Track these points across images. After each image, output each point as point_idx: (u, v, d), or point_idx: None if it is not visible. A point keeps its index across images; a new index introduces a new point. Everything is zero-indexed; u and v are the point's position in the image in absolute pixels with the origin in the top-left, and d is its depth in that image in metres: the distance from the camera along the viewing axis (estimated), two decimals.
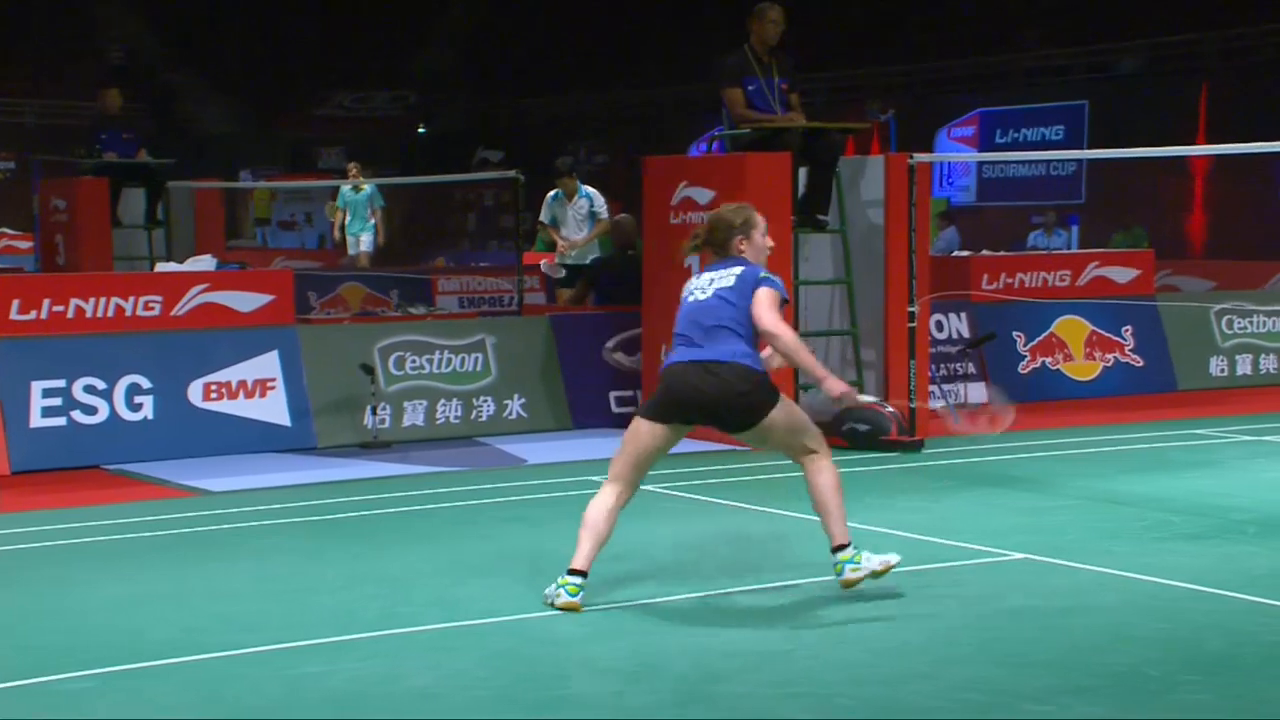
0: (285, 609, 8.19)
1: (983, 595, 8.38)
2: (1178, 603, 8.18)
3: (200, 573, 9.17)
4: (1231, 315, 17.63)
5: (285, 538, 10.20)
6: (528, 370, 14.32)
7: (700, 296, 8.43)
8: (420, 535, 10.17)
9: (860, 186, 14.15)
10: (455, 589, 8.56)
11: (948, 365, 15.85)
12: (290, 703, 6.61)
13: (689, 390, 8.28)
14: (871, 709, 6.44)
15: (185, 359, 13.17)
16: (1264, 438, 13.84)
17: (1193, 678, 6.90)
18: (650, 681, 6.81)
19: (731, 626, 7.77)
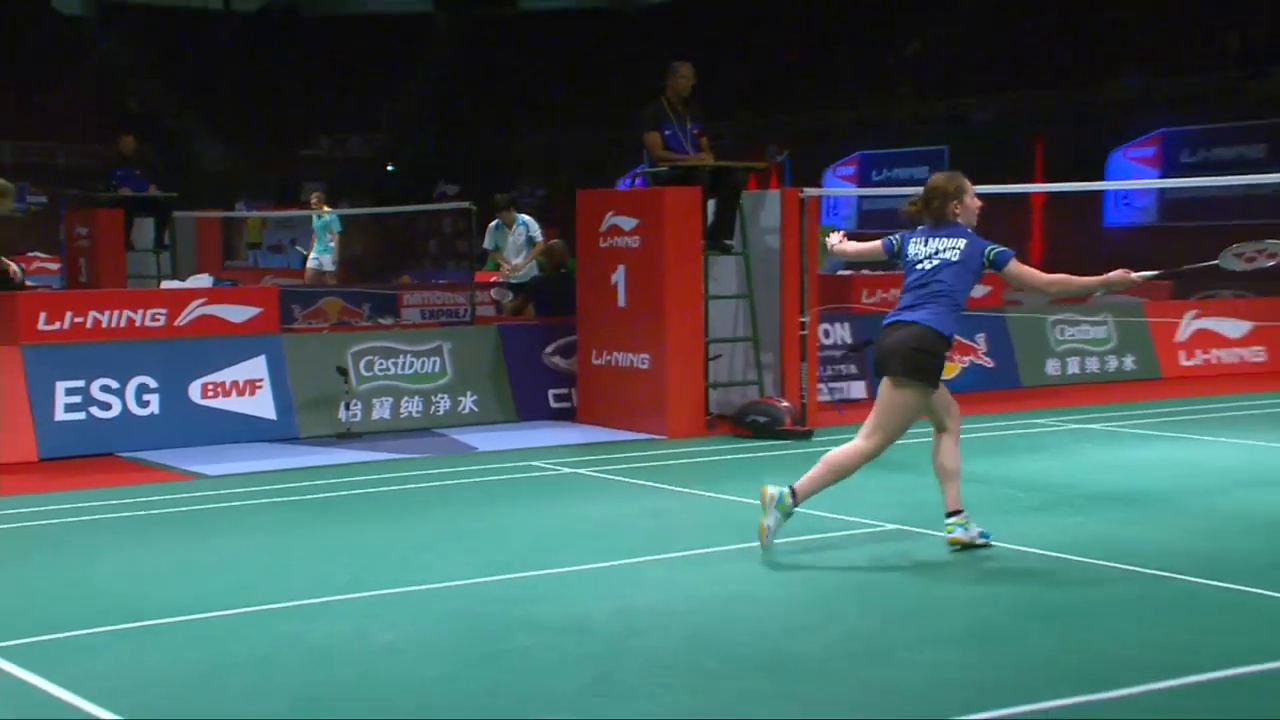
0: (269, 576, 8.10)
1: (862, 560, 8.37)
2: (1023, 564, 8.20)
3: (198, 545, 9.08)
4: (1063, 324, 17.73)
5: (271, 515, 10.11)
6: (478, 372, 14.23)
7: (926, 266, 8.35)
8: (386, 512, 10.09)
9: (760, 216, 14.13)
10: (415, 558, 8.49)
11: (833, 367, 15.84)
12: (274, 656, 6.53)
13: (883, 344, 8.33)
14: (770, 656, 6.41)
15: (186, 362, 13.03)
16: (1089, 426, 13.94)
17: (1036, 625, 6.93)
18: (581, 636, 6.76)
19: (650, 589, 7.72)
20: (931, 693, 5.87)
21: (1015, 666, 6.27)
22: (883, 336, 8.42)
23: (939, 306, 8.27)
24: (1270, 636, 6.64)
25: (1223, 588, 7.60)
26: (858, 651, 6.49)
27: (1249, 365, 18.59)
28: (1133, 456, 12.17)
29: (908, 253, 8.48)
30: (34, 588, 8.00)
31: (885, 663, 6.32)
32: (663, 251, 13.35)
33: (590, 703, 5.84)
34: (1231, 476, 11.00)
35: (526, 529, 9.34)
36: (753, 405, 13.49)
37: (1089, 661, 6.31)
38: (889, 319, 8.45)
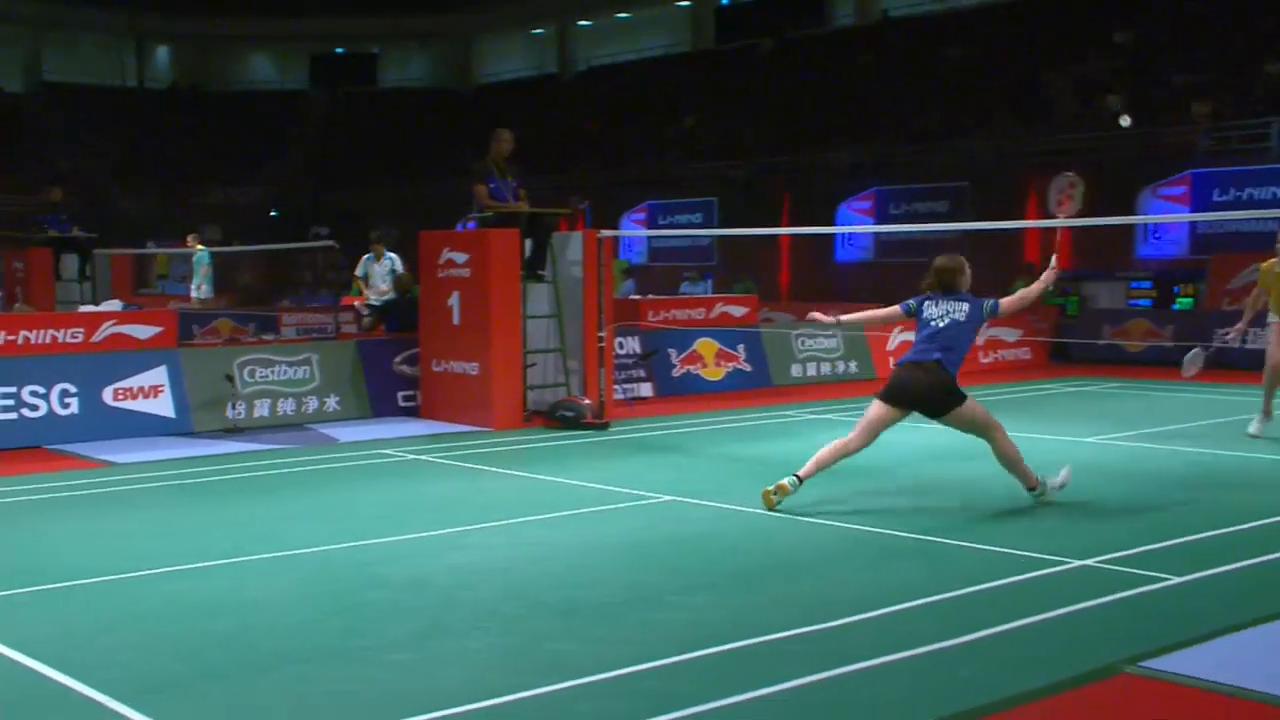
0: (164, 544, 7.86)
1: (644, 524, 8.40)
2: (770, 525, 8.30)
3: (107, 519, 8.80)
4: (804, 337, 17.96)
5: (168, 495, 9.82)
6: (341, 377, 13.98)
7: (940, 324, 8.60)
8: (262, 492, 9.86)
9: (567, 252, 14.11)
10: (284, 529, 8.32)
11: (626, 372, 15.89)
12: (163, 611, 6.35)
13: (906, 382, 8.56)
14: (566, 603, 6.41)
15: (101, 371, 12.61)
16: (824, 416, 14.14)
17: (778, 572, 7.03)
18: (418, 590, 6.69)
19: (475, 551, 7.67)
20: (692, 630, 5.91)
21: (756, 606, 6.36)
22: (904, 372, 8.66)
23: (950, 355, 8.60)
24: (948, 574, 6.81)
25: (916, 539, 7.79)
26: (636, 598, 6.51)
27: None
28: None
29: (924, 312, 8.75)
30: None
31: (657, 606, 6.35)
32: (489, 280, 13.26)
33: (424, 644, 5.78)
34: (928, 452, 11.27)
35: (377, 504, 9.21)
36: (561, 403, 13.48)
37: (813, 599, 6.42)
38: (907, 359, 8.72)
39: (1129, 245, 23.86)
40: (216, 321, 22.06)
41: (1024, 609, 6.11)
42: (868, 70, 33.91)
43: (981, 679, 5.21)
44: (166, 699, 5.07)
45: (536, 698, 5.03)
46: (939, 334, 8.62)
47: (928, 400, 8.58)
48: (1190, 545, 7.55)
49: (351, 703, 5.03)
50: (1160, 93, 26.21)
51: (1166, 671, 5.24)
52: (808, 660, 5.40)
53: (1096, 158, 25.39)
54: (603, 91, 41.96)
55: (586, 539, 7.95)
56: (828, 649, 5.56)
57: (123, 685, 5.18)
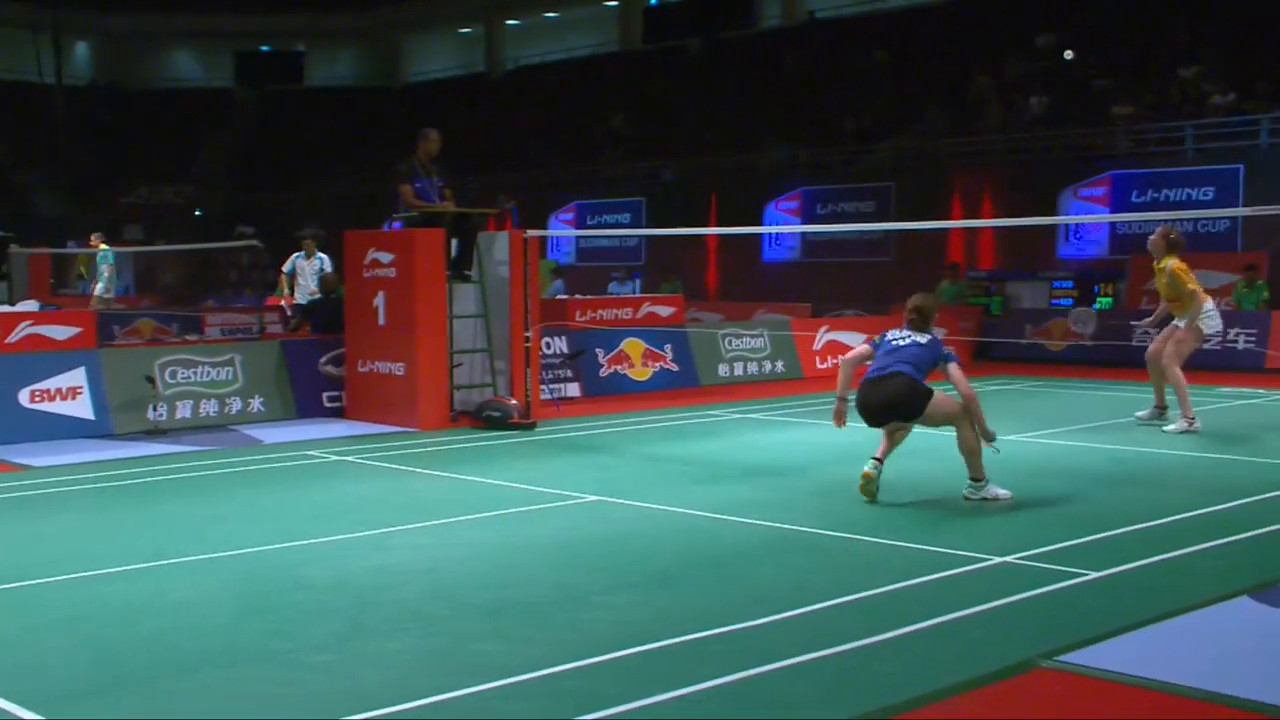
0: (84, 548, 7.74)
1: (569, 524, 8.40)
2: (692, 524, 8.34)
3: (25, 524, 8.65)
4: (731, 337, 18.08)
5: (88, 498, 9.66)
6: (265, 378, 13.84)
7: (900, 343, 8.85)
8: (185, 494, 9.73)
9: (494, 252, 14.07)
10: (208, 531, 8.21)
11: (553, 372, 15.88)
12: (83, 615, 6.26)
13: (873, 397, 8.79)
14: (492, 604, 6.40)
15: (17, 373, 12.38)
16: (749, 415, 14.24)
17: (699, 572, 7.05)
18: (340, 591, 6.65)
19: (399, 552, 7.63)
20: (617, 630, 5.92)
21: (679, 605, 6.38)
22: (872, 389, 8.81)
23: (910, 369, 8.77)
24: (868, 572, 6.88)
25: (837, 536, 7.87)
26: (561, 598, 6.51)
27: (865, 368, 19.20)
28: (779, 438, 12.48)
29: (886, 337, 9.02)
30: None
31: (582, 606, 6.36)
32: (414, 280, 13.20)
33: (347, 645, 5.75)
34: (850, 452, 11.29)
35: (301, 505, 9.14)
36: (488, 403, 13.44)
37: (736, 598, 6.46)
38: (868, 377, 8.90)
39: (1051, 245, 24.23)
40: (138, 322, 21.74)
41: (945, 605, 6.19)
42: (795, 71, 34.14)
43: (901, 675, 5.27)
44: (83, 706, 4.99)
45: (460, 699, 5.02)
46: (899, 350, 8.88)
47: (898, 404, 8.77)
48: (1107, 541, 7.68)
49: (273, 705, 4.99)
50: (1081, 95, 26.64)
51: (1082, 665, 5.34)
52: (731, 659, 5.43)
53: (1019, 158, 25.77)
54: (531, 91, 41.88)
55: (512, 539, 7.93)
56: (750, 647, 5.60)
57: (38, 694, 5.09)
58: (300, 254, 18.34)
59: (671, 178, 32.04)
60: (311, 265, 18.22)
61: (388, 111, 44.87)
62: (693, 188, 30.64)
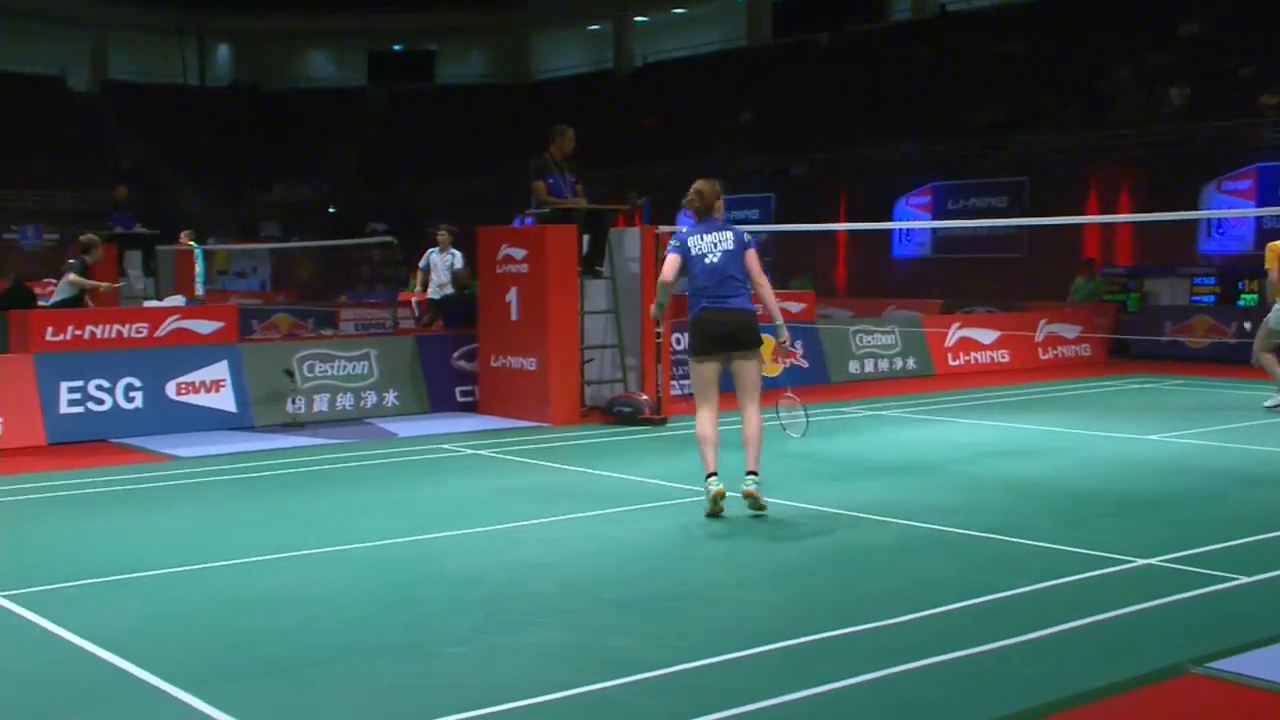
0: (226, 538, 7.95)
1: (698, 521, 8.34)
2: (820, 521, 8.23)
3: (170, 512, 8.91)
4: (861, 333, 17.92)
5: (230, 488, 9.92)
6: (399, 372, 14.07)
7: (714, 259, 8.39)
8: (323, 486, 9.95)
9: (625, 248, 14.10)
10: (346, 523, 8.37)
11: (683, 368, 15.82)
12: (226, 602, 6.42)
13: (717, 327, 8.31)
14: (619, 598, 6.41)
15: (164, 366, 12.78)
16: (880, 413, 14.09)
17: (832, 570, 6.99)
18: (476, 585, 6.72)
19: (532, 546, 7.68)
20: (748, 626, 5.89)
21: (811, 602, 6.32)
22: (713, 320, 8.34)
23: (742, 288, 8.41)
24: (1005, 572, 6.74)
25: (972, 535, 7.73)
26: (691, 593, 6.49)
27: (998, 364, 18.93)
28: (911, 435, 12.34)
29: (691, 249, 8.50)
30: (39, 546, 7.84)
31: (713, 601, 6.34)
32: (547, 276, 13.30)
33: (481, 637, 5.80)
34: (984, 450, 11.19)
35: (436, 499, 9.25)
36: (619, 398, 13.49)
37: (868, 596, 6.38)
38: (712, 305, 8.36)
39: (1191, 241, 23.54)
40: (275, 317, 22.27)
41: (1087, 607, 6.04)
42: (925, 65, 33.66)
43: (1045, 677, 5.14)
44: (227, 688, 5.12)
45: (594, 693, 5.03)
46: (719, 270, 8.34)
47: (738, 334, 8.36)
48: (1257, 545, 7.42)
49: (411, 696, 5.05)
50: (1226, 84, 25.83)
51: (1233, 672, 5.16)
52: (865, 657, 5.36)
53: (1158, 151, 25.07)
54: (659, 87, 41.96)
55: (643, 534, 7.94)
56: (885, 646, 5.52)
57: (187, 674, 5.24)
58: (435, 249, 18.61)
59: (800, 173, 31.84)
60: (444, 260, 18.46)
61: (517, 109, 45.33)
62: (822, 183, 30.42)
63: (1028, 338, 19.33)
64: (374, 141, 48.44)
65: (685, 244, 8.52)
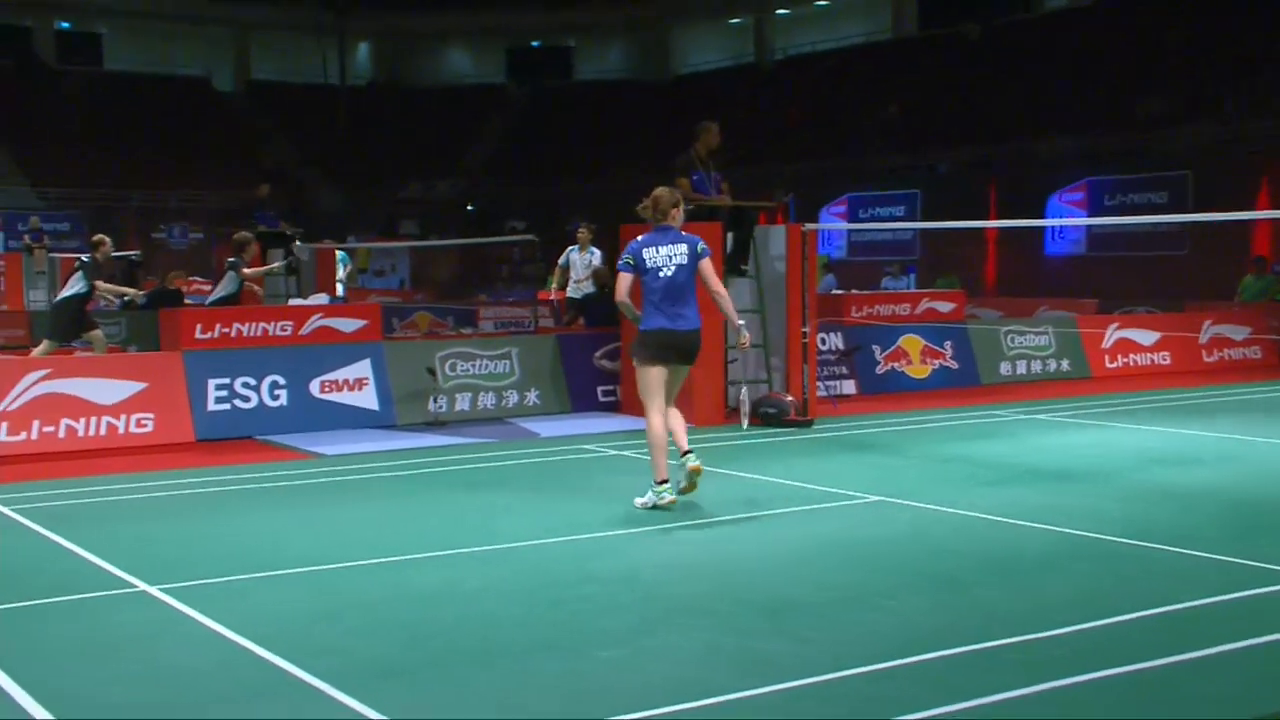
0: (377, 534, 8.17)
1: (850, 524, 8.37)
2: (977, 528, 8.19)
3: (319, 510, 9.17)
4: (1013, 334, 17.65)
5: (376, 487, 10.18)
6: (541, 372, 14.26)
7: (668, 273, 8.80)
8: (470, 485, 10.13)
9: (770, 246, 14.11)
10: (493, 521, 8.55)
11: (829, 368, 15.82)
12: (385, 599, 6.60)
13: (671, 349, 8.80)
14: (772, 602, 6.43)
15: (308, 364, 13.14)
16: (1034, 416, 13.86)
17: (989, 577, 6.92)
18: (627, 586, 6.81)
19: (682, 547, 7.76)
20: (902, 634, 5.88)
21: (969, 611, 6.27)
22: (673, 339, 8.79)
23: (693, 308, 8.85)
24: (1173, 585, 6.61)
25: (1137, 545, 7.58)
26: (841, 599, 6.49)
27: (1159, 367, 18.49)
28: (1068, 440, 12.13)
29: (646, 260, 8.84)
30: (193, 541, 8.11)
31: (863, 607, 6.33)
32: None
33: (633, 639, 5.88)
34: (1147, 456, 10.95)
35: (581, 500, 9.35)
36: (764, 399, 13.49)
37: (1028, 606, 6.31)
38: (669, 325, 8.77)
39: None
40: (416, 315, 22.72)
41: (1265, 625, 5.88)
42: (1081, 55, 32.97)
43: (1225, 697, 5.03)
44: (385, 687, 5.27)
45: (747, 699, 5.06)
46: (675, 285, 8.73)
47: (692, 354, 8.92)
48: None
49: (565, 697, 5.14)
50: None
51: None
52: (1024, 670, 5.30)
53: None
54: (802, 81, 41.79)
55: (793, 538, 7.96)
56: (1044, 659, 5.46)
57: (342, 673, 5.39)
58: (574, 247, 18.81)
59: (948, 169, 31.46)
60: (583, 258, 18.64)
61: (657, 104, 45.52)
62: (970, 179, 30.02)
63: (1191, 339, 18.83)
64: (512, 138, 49.06)
65: (639, 257, 8.89)
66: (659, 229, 8.98)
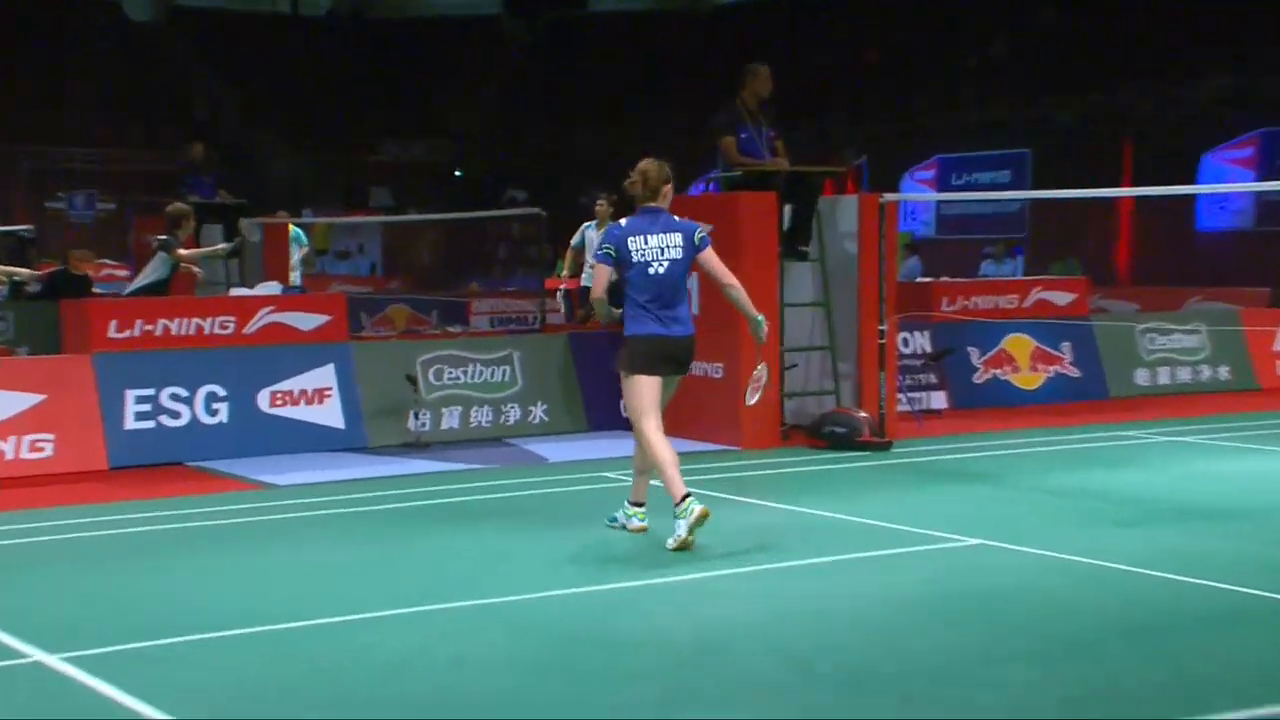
0: (340, 587, 8.19)
1: (942, 574, 8.35)
2: (1107, 580, 8.15)
3: (267, 555, 9.20)
4: (1153, 333, 17.58)
5: (340, 525, 10.21)
6: (549, 380, 14.29)
7: (660, 270, 9.06)
8: (454, 524, 10.16)
9: (837, 221, 14.12)
10: (484, 571, 8.56)
11: (913, 376, 15.78)
12: (346, 669, 6.60)
13: (665, 357, 9.12)
14: (848, 673, 6.43)
15: (255, 370, 13.17)
16: (1181, 438, 13.81)
17: (1121, 643, 6.90)
18: (654, 649, 6.81)
19: (726, 602, 7.76)
20: (1016, 713, 5.86)
21: (1099, 688, 6.24)
22: (664, 346, 9.17)
23: (687, 313, 9.30)
24: None
25: None
26: (941, 670, 6.48)
27: None
28: (1225, 469, 12.07)
29: (632, 253, 9.14)
30: (105, 597, 8.12)
31: (964, 681, 6.31)
32: (738, 258, 13.25)
33: (664, 716, 5.87)
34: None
35: (599, 541, 9.34)
36: (829, 416, 13.48)
37: (1176, 681, 6.28)
38: (660, 331, 9.17)
39: None
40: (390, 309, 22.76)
41: None
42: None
43: None
44: None
45: None
46: (668, 282, 9.06)
47: (685, 363, 9.33)
48: None
49: None
50: None
51: None
52: None
53: None
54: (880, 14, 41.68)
55: (870, 592, 7.94)
56: None
57: None
58: (591, 224, 18.82)
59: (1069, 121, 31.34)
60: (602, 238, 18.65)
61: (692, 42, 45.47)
62: (1098, 134, 29.91)
63: None
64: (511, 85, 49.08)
65: (624, 249, 9.08)
66: (646, 212, 9.15)
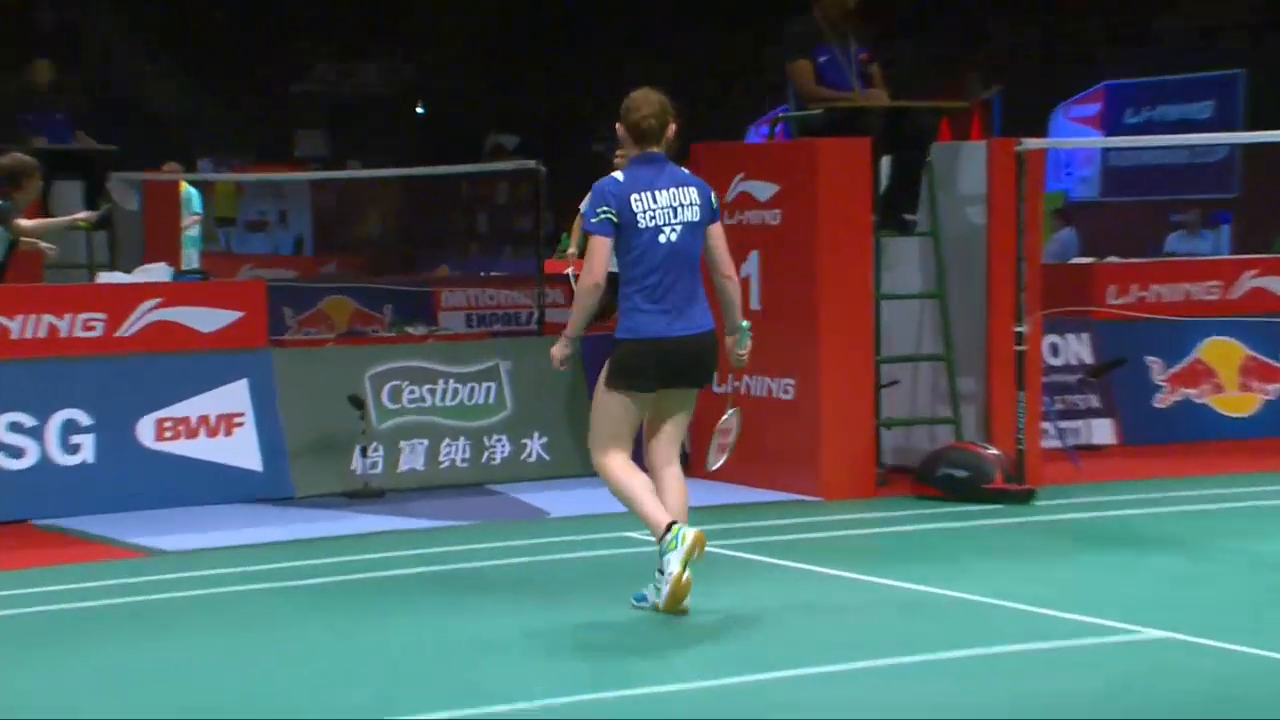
0: (253, 696, 8.18)
1: (1115, 682, 8.33)
2: None
3: (151, 653, 9.16)
4: None
5: (256, 608, 10.22)
6: (551, 402, 14.30)
7: (671, 236, 9.29)
8: (421, 605, 10.13)
9: (956, 179, 14.12)
10: (466, 671, 8.58)
11: (1066, 398, 15.76)
12: None
13: (672, 358, 9.53)
14: None
15: (133, 390, 13.21)
16: None
17: None
18: None
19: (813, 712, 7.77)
20: None
21: None
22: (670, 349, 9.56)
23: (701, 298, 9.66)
24: None
25: None
26: None
27: None
28: None
29: (637, 218, 9.40)
30: None
31: None
32: (815, 231, 13.36)
33: None
34: None
35: (623, 628, 9.39)
36: (945, 454, 13.47)
37: None
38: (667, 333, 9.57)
39: None
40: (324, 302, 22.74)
41: None
42: None
43: None
44: None
45: None
46: (678, 255, 9.39)
47: (690, 372, 9.67)
48: None
49: None
50: None
51: None
52: None
53: None
54: None
55: (1011, 702, 7.94)
56: None
57: None
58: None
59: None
60: None
61: None
62: None
63: None
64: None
65: (627, 210, 9.29)
66: (646, 159, 9.36)
